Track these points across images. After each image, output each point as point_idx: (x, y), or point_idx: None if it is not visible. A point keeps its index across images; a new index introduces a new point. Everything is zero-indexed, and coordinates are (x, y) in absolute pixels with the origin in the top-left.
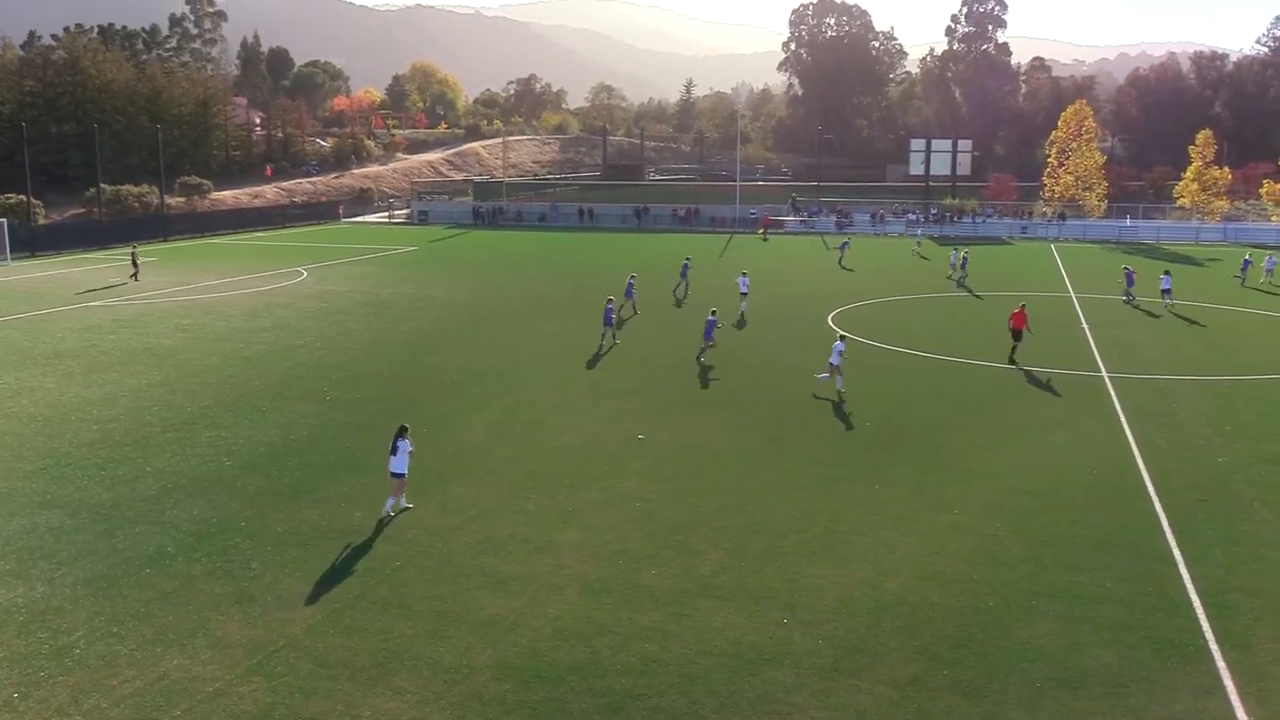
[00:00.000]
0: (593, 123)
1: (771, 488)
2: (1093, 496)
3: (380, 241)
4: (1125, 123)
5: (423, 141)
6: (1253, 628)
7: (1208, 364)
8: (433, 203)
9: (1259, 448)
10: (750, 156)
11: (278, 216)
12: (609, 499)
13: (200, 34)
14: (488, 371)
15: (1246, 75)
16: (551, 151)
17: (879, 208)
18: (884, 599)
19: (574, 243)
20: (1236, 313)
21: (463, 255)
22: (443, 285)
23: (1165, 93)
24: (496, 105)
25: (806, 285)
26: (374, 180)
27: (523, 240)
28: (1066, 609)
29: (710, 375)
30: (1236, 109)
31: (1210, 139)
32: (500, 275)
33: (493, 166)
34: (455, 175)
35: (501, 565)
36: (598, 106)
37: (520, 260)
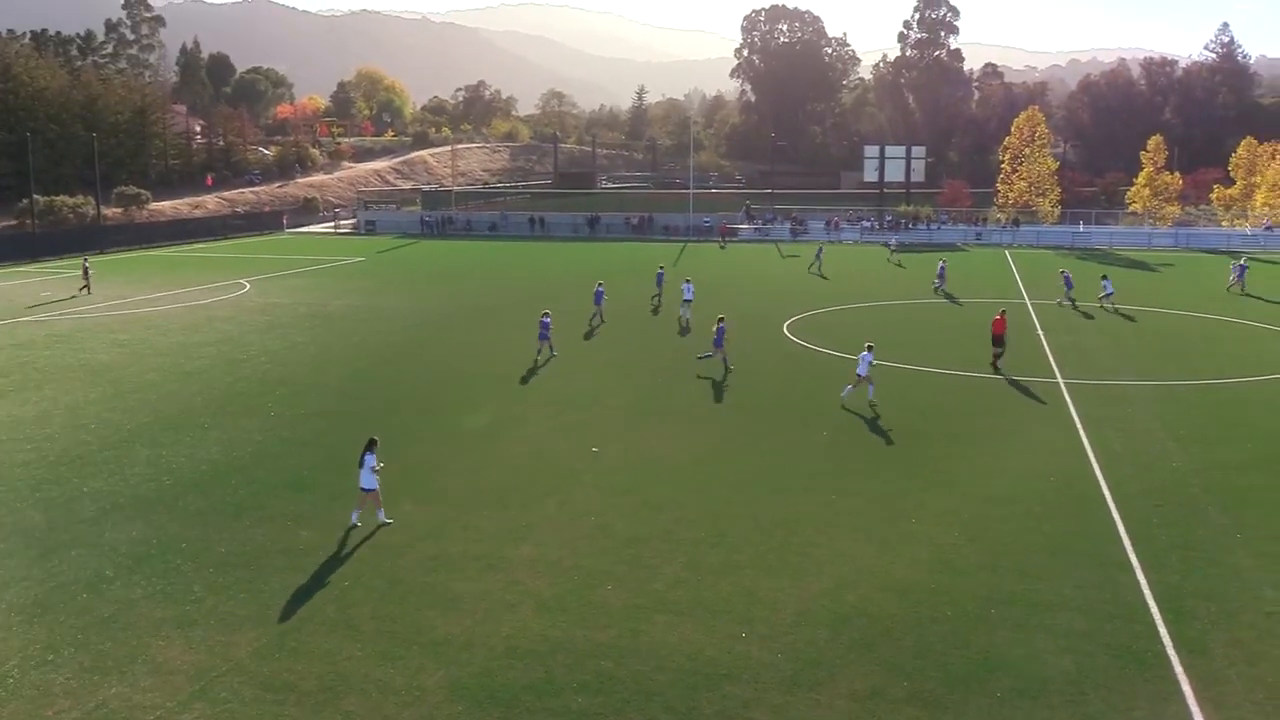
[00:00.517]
0: (543, 130)
1: (728, 499)
2: (1049, 503)
3: (326, 252)
4: (1077, 129)
5: (369, 149)
6: (1209, 632)
7: (1162, 369)
8: (380, 212)
9: (1213, 453)
10: (703, 164)
11: (219, 227)
12: (563, 513)
13: (137, 40)
14: (437, 384)
15: (1195, 81)
16: (501, 159)
17: (834, 214)
18: (842, 611)
19: (525, 252)
20: (1189, 317)
21: (411, 266)
22: (391, 297)
23: (1116, 99)
24: (445, 112)
25: (763, 293)
26: (319, 189)
27: (473, 250)
28: (1024, 617)
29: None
30: (1186, 115)
31: (1161, 145)
32: (450, 286)
33: (441, 175)
34: (403, 184)
35: (453, 583)
36: (548, 113)
37: (470, 270)
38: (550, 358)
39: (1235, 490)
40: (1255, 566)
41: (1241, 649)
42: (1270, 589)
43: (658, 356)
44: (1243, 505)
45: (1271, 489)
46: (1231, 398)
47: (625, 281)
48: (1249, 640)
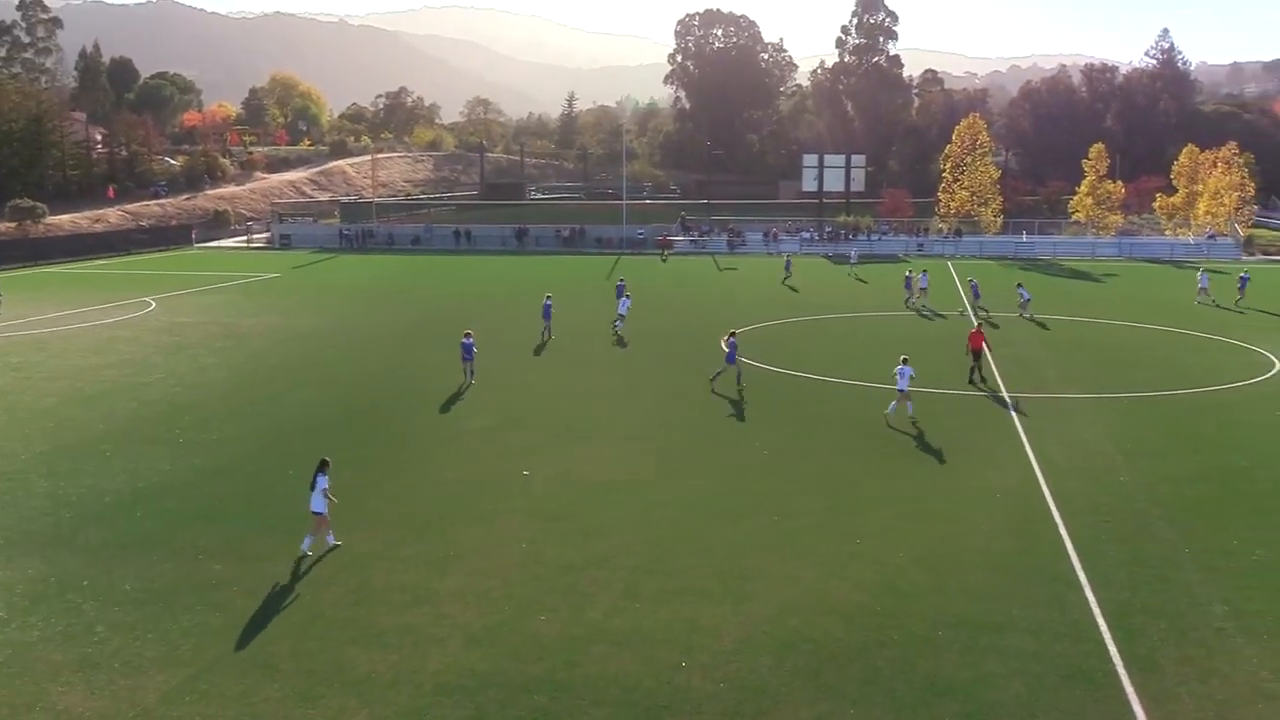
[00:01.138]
0: (469, 138)
1: (666, 523)
2: (996, 521)
3: (238, 268)
4: (1018, 136)
5: (284, 159)
6: (1159, 649)
7: (1107, 381)
8: (296, 225)
9: (1160, 466)
10: (637, 173)
11: (122, 242)
12: (492, 541)
13: (33, 42)
14: (358, 408)
15: (1136, 88)
16: (425, 169)
17: (772, 225)
18: (786, 636)
19: (451, 267)
20: (1134, 329)
21: (330, 282)
22: (308, 315)
23: (1057, 105)
24: (364, 120)
25: (703, 307)
26: (230, 202)
27: (395, 265)
28: (972, 639)
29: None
30: (1128, 122)
31: (1103, 152)
32: (371, 303)
33: (361, 186)
34: (320, 195)
35: (376, 617)
36: (474, 121)
37: (393, 286)
38: (469, 385)
39: (1183, 503)
40: (1204, 581)
41: (1192, 666)
42: (1220, 604)
43: (596, 374)
44: (1191, 519)
45: (1219, 501)
46: (1177, 409)
47: (558, 297)
48: (1199, 657)
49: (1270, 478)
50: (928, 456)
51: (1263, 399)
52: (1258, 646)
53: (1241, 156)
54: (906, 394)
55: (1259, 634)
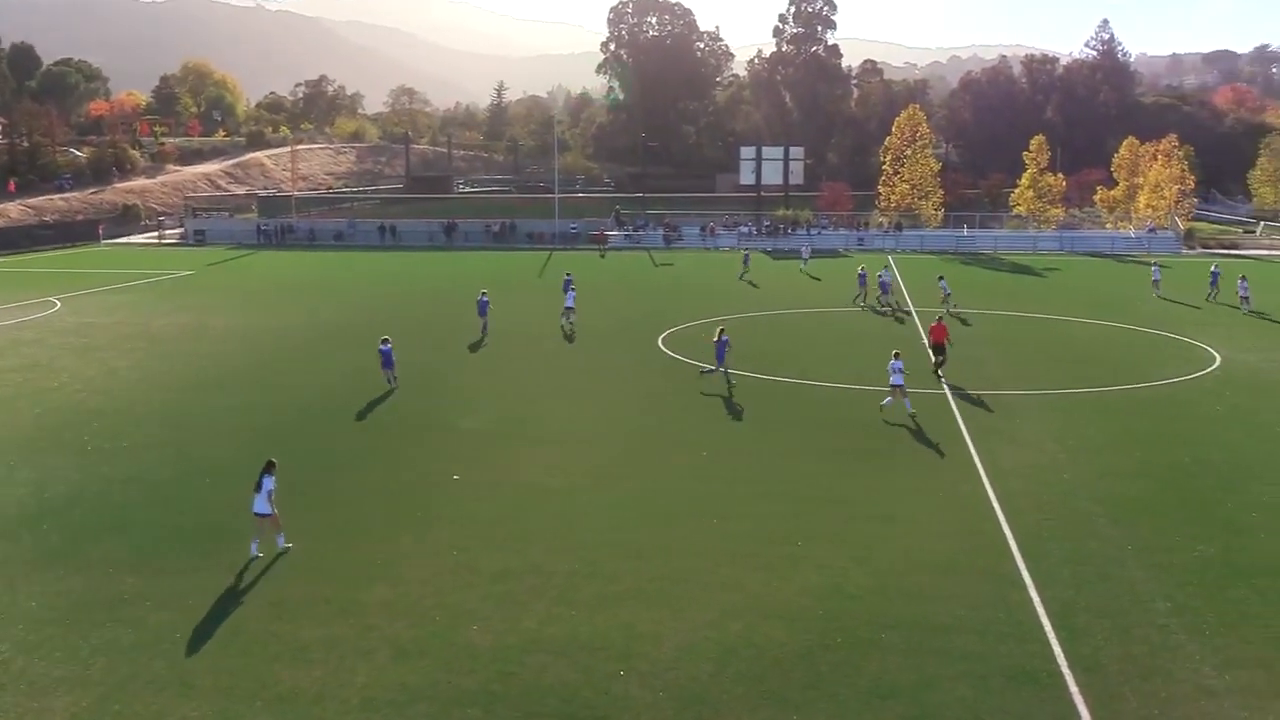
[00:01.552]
0: (393, 129)
1: (602, 528)
2: (940, 521)
3: (149, 265)
4: (959, 128)
5: (197, 151)
6: (1103, 648)
7: (1048, 377)
8: (211, 220)
9: (1102, 461)
10: (569, 166)
11: (23, 239)
12: (422, 549)
13: None
14: (277, 412)
15: (1077, 79)
16: (347, 162)
17: (709, 220)
18: (727, 642)
19: (375, 263)
20: (1075, 324)
21: (247, 280)
22: (224, 315)
23: (998, 97)
24: (283, 110)
25: (639, 304)
26: (140, 195)
27: (317, 261)
28: (917, 641)
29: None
30: (1068, 114)
31: (1044, 144)
32: (292, 302)
33: (280, 179)
34: (236, 189)
35: (300, 630)
36: (399, 111)
37: (314, 284)
38: (392, 391)
39: (1125, 500)
40: (1147, 578)
41: (1135, 664)
42: (1162, 600)
43: (530, 374)
44: (1133, 516)
45: (1160, 498)
46: (1120, 405)
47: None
48: (1142, 655)
49: (1211, 474)
50: (871, 456)
51: (1204, 394)
52: (1200, 643)
53: (1181, 149)
54: (903, 389)
55: (1201, 630)
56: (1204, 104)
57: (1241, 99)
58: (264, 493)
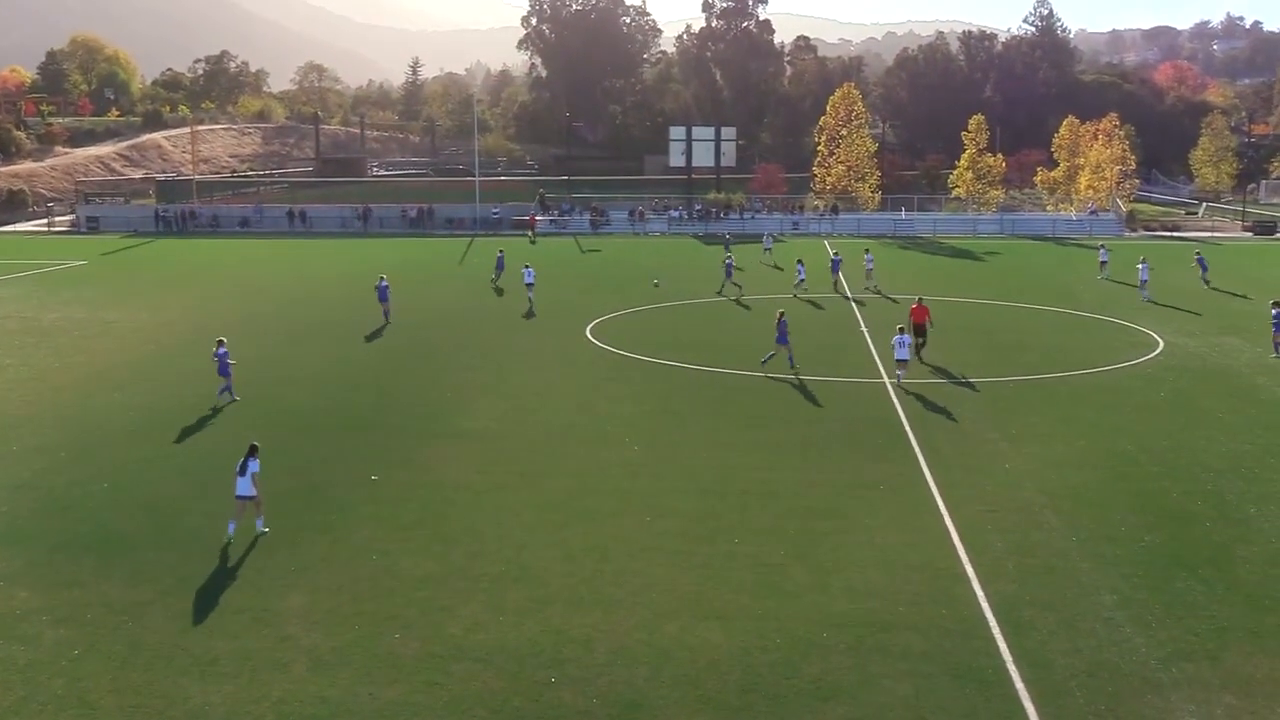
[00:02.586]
0: (302, 109)
1: (529, 527)
2: (879, 514)
3: (38, 255)
4: (896, 107)
5: (89, 132)
6: (1048, 643)
7: (990, 364)
8: (105, 207)
9: (1047, 451)
10: (490, 147)
11: None
12: (339, 553)
13: None
14: (178, 410)
15: (1015, 56)
16: (253, 143)
17: (638, 204)
18: (662, 645)
19: (284, 251)
20: (1017, 309)
21: (145, 270)
22: (121, 308)
23: (935, 75)
24: (182, 88)
25: (565, 292)
26: (26, 180)
27: (221, 250)
28: (858, 639)
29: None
30: (1007, 92)
31: (983, 124)
32: (194, 293)
33: (180, 162)
34: (132, 172)
35: (210, 642)
36: (307, 90)
37: (218, 274)
38: (231, 401)
39: (1069, 490)
40: (1092, 569)
41: (1082, 659)
42: (1108, 593)
43: (449, 366)
44: (1077, 505)
45: (1104, 487)
46: (1062, 392)
47: (408, 282)
48: (1089, 649)
49: (1155, 461)
50: (808, 448)
51: (1147, 380)
52: (1147, 635)
53: (1122, 128)
54: (905, 364)
55: (1148, 623)
56: (1145, 82)
57: (1182, 76)
58: (248, 475)
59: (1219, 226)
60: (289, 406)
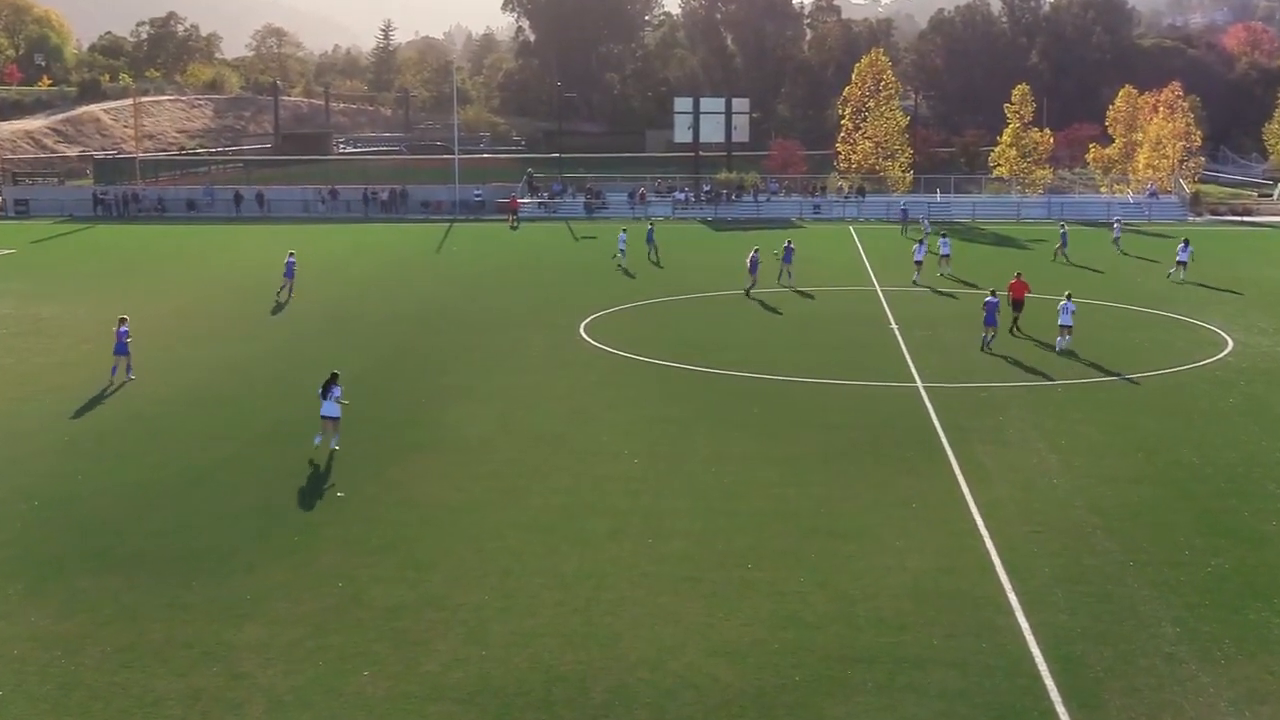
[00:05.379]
0: (259, 78)
1: (515, 551)
2: (913, 535)
3: None
4: (930, 76)
5: (16, 103)
6: (1103, 681)
7: (1037, 367)
8: (35, 188)
9: (1099, 465)
10: (471, 121)
11: None
12: (302, 579)
13: None
14: (121, 416)
15: (1065, 19)
16: (203, 117)
17: (639, 185)
18: (666, 684)
19: (239, 238)
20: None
21: (82, 260)
22: (54, 302)
23: (974, 40)
24: (123, 54)
25: (557, 284)
26: None
27: (167, 236)
28: (888, 677)
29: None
30: (1055, 59)
31: (1028, 95)
32: (137, 286)
33: (121, 137)
34: (67, 150)
35: (154, 682)
36: (265, 56)
37: (164, 264)
38: (126, 381)
39: (1126, 508)
40: (1152, 599)
41: (1140, 699)
42: (1170, 624)
43: (430, 369)
44: (1134, 526)
45: (1165, 504)
46: (1118, 398)
47: (371, 272)
48: (1148, 688)
49: (1223, 476)
50: (831, 461)
51: (1213, 383)
52: (1214, 673)
53: (1186, 100)
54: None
55: (1215, 658)
56: (1212, 46)
57: (1256, 39)
58: (331, 399)
59: None
60: (245, 412)
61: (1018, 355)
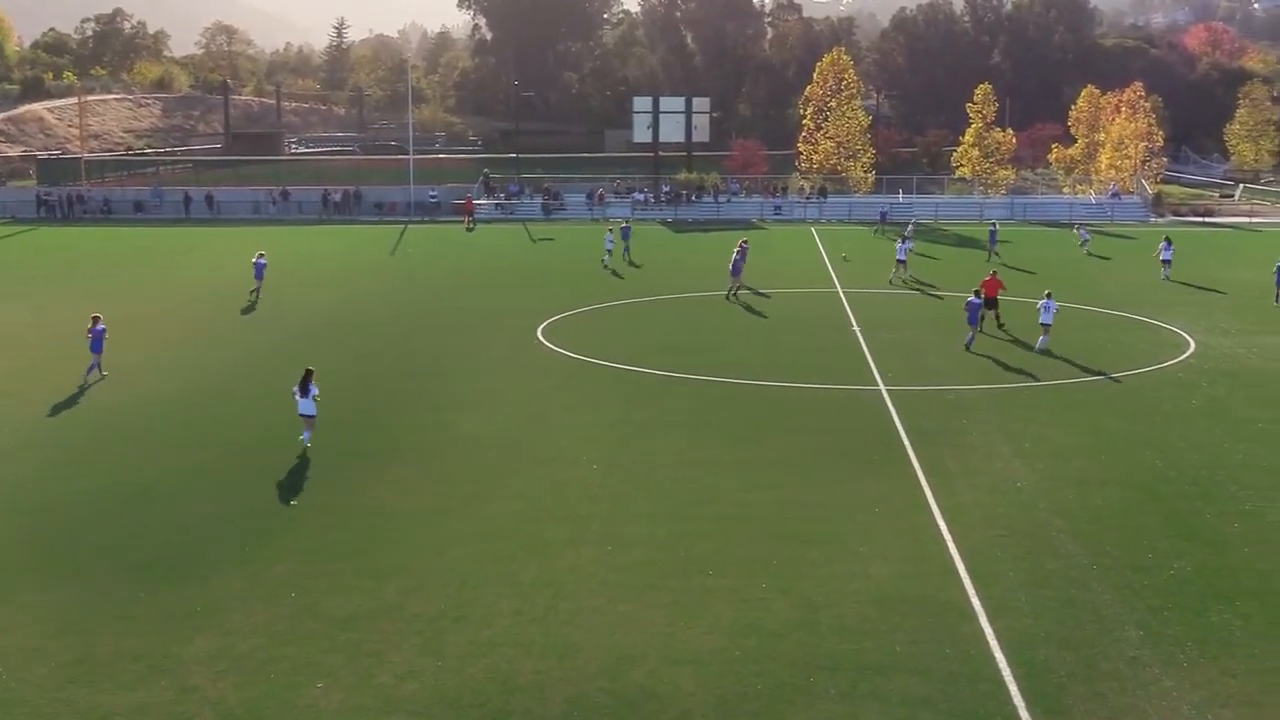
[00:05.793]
0: (209, 77)
1: (472, 559)
2: (874, 540)
3: None
4: (892, 76)
5: None
6: (1067, 686)
7: (1000, 369)
8: None
9: (1064, 468)
10: (426, 121)
11: None
12: (254, 590)
13: None
14: (69, 426)
15: (1027, 18)
16: (151, 116)
17: (598, 185)
18: (626, 693)
19: (188, 241)
20: (1028, 306)
21: (25, 263)
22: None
23: (936, 39)
24: (67, 51)
25: (514, 287)
26: None
27: (114, 239)
28: (850, 684)
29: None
30: (1018, 58)
31: (990, 94)
32: (83, 290)
33: (65, 137)
34: (9, 150)
35: (101, 697)
36: (215, 54)
37: (111, 267)
38: (100, 378)
39: (1090, 511)
40: (1116, 603)
41: (1103, 704)
42: (1133, 628)
43: (384, 374)
44: (1098, 529)
45: (1129, 507)
46: (1082, 400)
47: (322, 276)
48: (1112, 693)
49: (1186, 478)
50: (793, 465)
51: (1176, 385)
52: (1177, 677)
53: (1148, 99)
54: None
55: (1178, 661)
56: (1174, 46)
57: (1217, 40)
58: (309, 398)
59: (1258, 210)
60: (197, 420)
61: (996, 355)
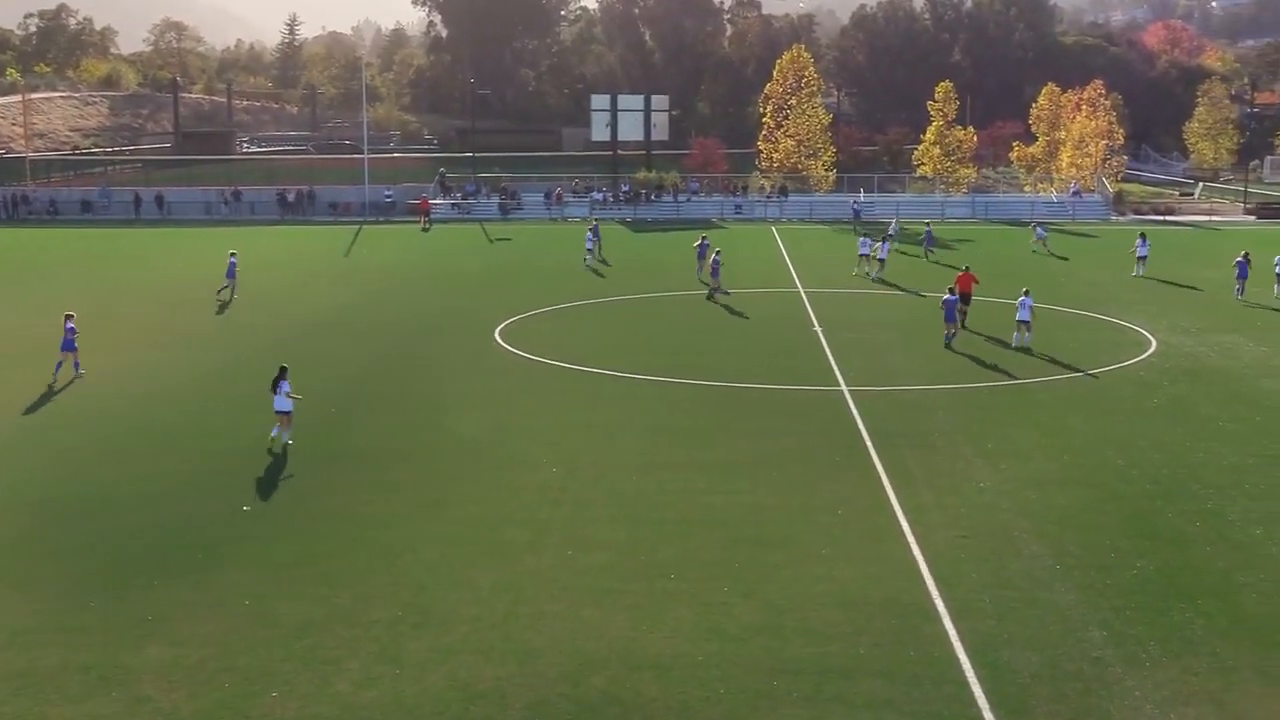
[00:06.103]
0: (158, 74)
1: (432, 564)
2: (837, 543)
3: None
4: (852, 73)
5: None
6: (1030, 687)
7: (963, 370)
8: None
9: (1026, 468)
10: (381, 119)
11: None
12: (206, 598)
13: None
14: (16, 435)
15: (987, 15)
16: (98, 114)
17: (555, 185)
18: (588, 699)
19: (138, 242)
20: (991, 305)
21: None
22: None
23: (896, 36)
24: (10, 48)
25: (471, 288)
26: None
27: (60, 241)
28: (814, 688)
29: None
30: (978, 56)
31: (951, 93)
32: (28, 295)
33: (9, 136)
34: None
35: (48, 710)
36: (164, 51)
37: (58, 270)
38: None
39: (1052, 512)
40: (1079, 603)
41: (1067, 704)
42: (1097, 628)
43: (340, 377)
44: (1061, 529)
45: (1092, 507)
46: (1044, 400)
47: (281, 278)
48: (1075, 694)
49: (1148, 477)
50: (756, 468)
51: (1138, 384)
52: (1140, 677)
53: (1108, 97)
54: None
55: (1141, 661)
56: (1133, 44)
57: (1176, 38)
58: (281, 394)
59: (1217, 208)
60: (147, 424)
61: (972, 353)
